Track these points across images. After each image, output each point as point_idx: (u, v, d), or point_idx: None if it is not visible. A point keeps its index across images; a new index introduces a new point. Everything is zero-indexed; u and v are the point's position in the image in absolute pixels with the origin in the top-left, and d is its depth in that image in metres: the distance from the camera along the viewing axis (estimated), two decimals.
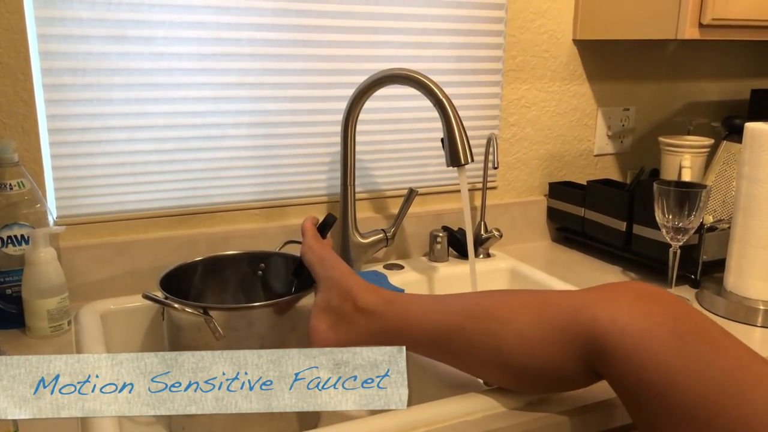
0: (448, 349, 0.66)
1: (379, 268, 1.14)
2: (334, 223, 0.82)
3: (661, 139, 1.31)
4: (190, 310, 0.74)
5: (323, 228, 0.81)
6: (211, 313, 0.74)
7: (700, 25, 1.08)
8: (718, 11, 1.06)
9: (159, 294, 0.78)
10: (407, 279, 1.11)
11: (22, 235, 0.88)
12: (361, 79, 1.04)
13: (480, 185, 1.23)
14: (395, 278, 1.08)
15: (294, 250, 0.94)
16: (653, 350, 0.53)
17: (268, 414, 0.79)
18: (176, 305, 0.75)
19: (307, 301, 0.81)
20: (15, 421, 0.61)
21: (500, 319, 0.63)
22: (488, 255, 1.22)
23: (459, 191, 1.26)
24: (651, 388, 0.53)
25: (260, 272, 0.94)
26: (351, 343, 0.68)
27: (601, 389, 0.73)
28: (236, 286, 0.94)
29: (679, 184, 1.02)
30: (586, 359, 0.59)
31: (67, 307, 0.89)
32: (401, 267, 1.15)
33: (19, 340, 0.86)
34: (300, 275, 0.82)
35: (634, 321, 0.55)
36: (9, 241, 0.87)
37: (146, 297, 0.75)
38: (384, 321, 0.68)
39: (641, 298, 0.57)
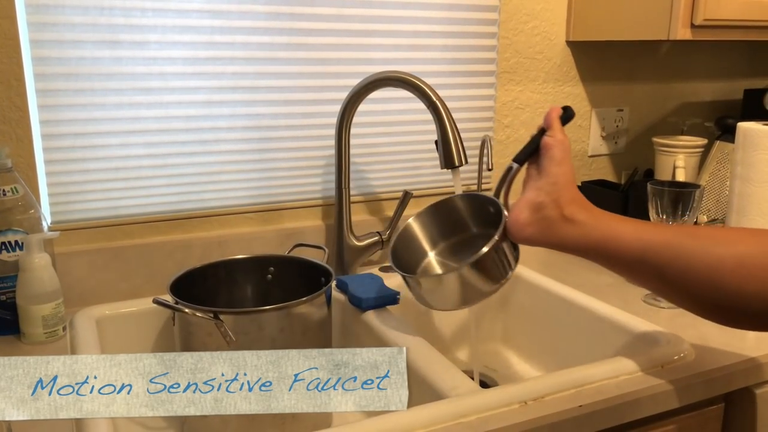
0: (656, 265, 0.67)
1: (374, 270, 1.14)
2: (573, 117, 0.81)
3: (655, 139, 1.31)
4: (200, 315, 0.74)
5: (563, 121, 0.80)
6: (222, 317, 0.74)
7: (692, 26, 1.08)
8: (709, 12, 1.07)
9: (169, 299, 0.78)
10: (402, 281, 1.11)
11: (17, 241, 0.88)
12: (354, 82, 1.04)
13: (474, 187, 1.23)
14: (391, 281, 1.08)
15: (304, 253, 0.94)
16: None
17: (280, 416, 0.80)
18: (187, 310, 0.75)
19: (317, 305, 0.81)
20: (8, 423, 0.60)
21: (721, 241, 0.64)
22: None
23: (452, 193, 1.27)
24: None
25: (269, 276, 0.94)
26: (548, 245, 0.73)
27: (597, 390, 0.73)
28: (246, 290, 0.94)
29: (673, 184, 1.02)
30: None
31: (62, 313, 0.89)
32: None
33: (14, 347, 0.86)
34: (522, 160, 0.80)
35: None
36: (3, 247, 0.87)
37: (157, 302, 0.75)
38: (590, 231, 0.71)
39: None
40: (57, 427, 0.67)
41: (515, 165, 0.81)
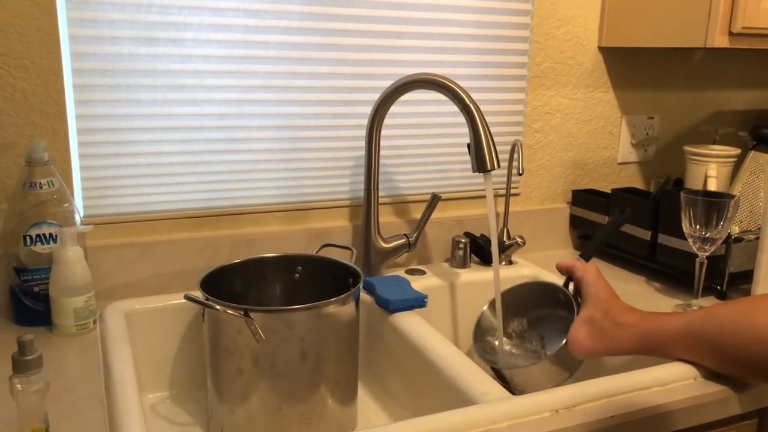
0: (701, 337, 0.74)
1: (400, 273, 1.14)
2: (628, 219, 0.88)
3: (687, 148, 1.30)
4: (231, 312, 0.75)
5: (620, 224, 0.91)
6: (252, 315, 0.75)
7: (730, 34, 1.07)
8: (748, 20, 1.05)
9: (199, 295, 0.78)
10: (429, 284, 1.10)
11: (51, 234, 0.89)
12: (385, 83, 1.04)
13: (503, 192, 1.22)
14: (417, 283, 1.08)
15: (331, 254, 0.95)
16: None
17: (306, 417, 0.80)
18: (218, 307, 0.75)
19: (347, 306, 0.81)
20: (45, 414, 0.61)
21: (759, 307, 0.69)
22: (510, 262, 1.22)
23: (481, 197, 1.27)
24: None
25: (297, 275, 0.94)
26: (606, 352, 0.80)
27: (629, 401, 0.72)
28: (274, 289, 0.95)
29: (707, 193, 1.01)
30: None
31: (93, 306, 0.89)
32: (423, 272, 1.15)
33: (46, 338, 0.87)
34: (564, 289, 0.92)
35: None
36: (38, 239, 0.88)
37: (188, 298, 0.76)
38: (640, 328, 0.78)
39: None
40: (89, 418, 0.68)
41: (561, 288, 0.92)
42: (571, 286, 0.90)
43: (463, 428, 0.66)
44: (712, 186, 1.24)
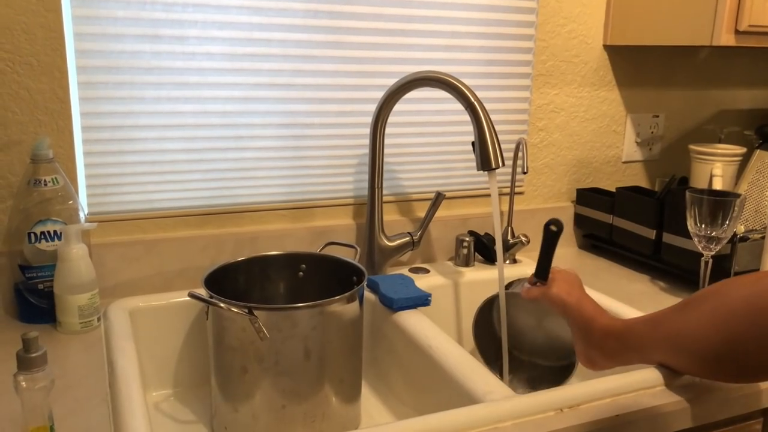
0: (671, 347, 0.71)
1: (404, 271, 1.13)
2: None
3: (692, 146, 1.29)
4: (235, 310, 0.75)
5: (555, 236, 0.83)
6: (256, 312, 0.74)
7: (737, 32, 1.06)
8: (755, 18, 1.05)
9: (203, 293, 0.78)
10: (432, 283, 1.10)
11: (55, 231, 0.89)
12: (389, 81, 1.04)
13: (507, 190, 1.22)
14: (421, 282, 1.07)
15: (335, 252, 0.95)
16: None
17: (310, 415, 0.80)
18: (222, 304, 0.75)
19: (350, 304, 0.81)
20: (50, 410, 0.61)
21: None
22: (514, 261, 1.21)
23: (486, 196, 1.26)
24: None
25: (301, 273, 0.94)
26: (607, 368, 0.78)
27: (633, 400, 0.72)
28: (278, 287, 0.95)
29: (713, 192, 1.00)
30: None
31: (98, 304, 0.90)
32: (427, 271, 1.15)
33: (50, 336, 0.87)
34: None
35: None
36: (42, 236, 0.88)
37: (192, 296, 0.76)
38: (624, 355, 0.75)
39: None
40: (93, 416, 0.68)
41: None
42: None
43: (467, 427, 0.66)
44: (718, 185, 1.24)
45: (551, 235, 0.82)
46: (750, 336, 0.61)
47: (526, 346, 0.98)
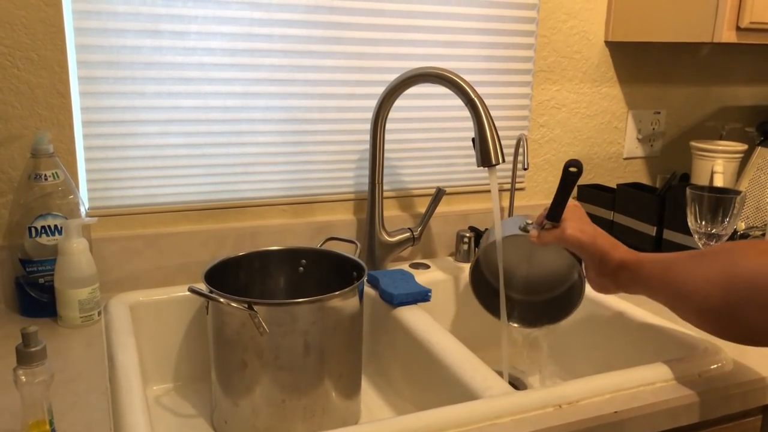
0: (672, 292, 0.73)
1: (404, 266, 1.14)
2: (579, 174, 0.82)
3: (693, 143, 1.29)
4: (235, 305, 0.75)
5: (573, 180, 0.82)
6: (256, 308, 0.75)
7: (738, 29, 1.06)
8: (756, 14, 1.05)
9: (203, 287, 0.78)
10: (433, 278, 1.10)
11: (56, 225, 0.89)
12: (390, 77, 1.04)
13: (508, 186, 1.22)
14: (421, 277, 1.08)
15: (335, 247, 0.95)
16: None
17: (310, 410, 0.80)
18: (222, 299, 0.75)
19: (350, 300, 0.81)
20: (49, 404, 0.61)
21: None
22: None
23: (486, 192, 1.26)
24: None
25: (301, 268, 0.94)
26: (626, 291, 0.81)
27: (632, 396, 0.72)
28: (278, 282, 0.95)
29: (713, 189, 1.00)
30: None
31: (98, 298, 0.90)
32: (427, 266, 1.15)
33: (51, 330, 0.87)
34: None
35: None
36: (43, 230, 0.89)
37: (192, 290, 0.76)
38: (634, 286, 0.79)
39: None
40: (93, 410, 0.68)
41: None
42: None
43: (466, 423, 0.66)
44: (719, 182, 1.24)
45: (570, 177, 0.80)
46: (751, 306, 0.63)
47: (520, 287, 0.97)
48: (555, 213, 0.82)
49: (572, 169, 0.79)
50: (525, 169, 1.12)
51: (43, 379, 0.60)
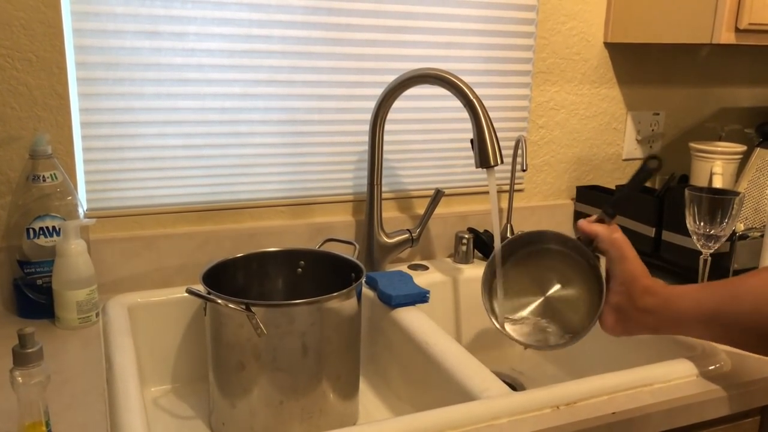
0: (734, 319, 0.72)
1: (403, 268, 1.14)
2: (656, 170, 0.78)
3: (692, 144, 1.29)
4: (232, 306, 0.75)
5: (644, 177, 0.79)
6: (254, 309, 0.75)
7: (737, 30, 1.06)
8: (755, 16, 1.05)
9: (201, 289, 0.78)
10: (431, 280, 1.10)
11: (54, 227, 0.89)
12: (389, 78, 1.04)
13: (507, 187, 1.22)
14: (419, 279, 1.07)
15: (334, 248, 0.94)
16: None
17: (307, 411, 0.80)
18: (219, 301, 0.75)
19: (348, 301, 0.81)
20: (46, 405, 0.61)
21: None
22: None
23: (485, 193, 1.26)
24: None
25: (300, 269, 0.94)
26: (639, 333, 0.79)
27: (630, 397, 0.72)
28: (276, 283, 0.95)
29: (712, 190, 1.00)
30: None
31: (96, 299, 0.90)
32: (426, 268, 1.15)
33: (48, 331, 0.87)
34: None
35: None
36: (41, 232, 0.89)
37: (190, 292, 0.76)
38: (662, 315, 0.76)
39: None
40: (90, 411, 0.68)
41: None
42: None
43: (463, 424, 0.66)
44: (718, 183, 1.23)
45: (647, 170, 0.77)
46: None
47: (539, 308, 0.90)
48: (618, 203, 0.79)
49: (652, 163, 0.77)
50: (524, 171, 1.12)
51: (39, 381, 0.60)
